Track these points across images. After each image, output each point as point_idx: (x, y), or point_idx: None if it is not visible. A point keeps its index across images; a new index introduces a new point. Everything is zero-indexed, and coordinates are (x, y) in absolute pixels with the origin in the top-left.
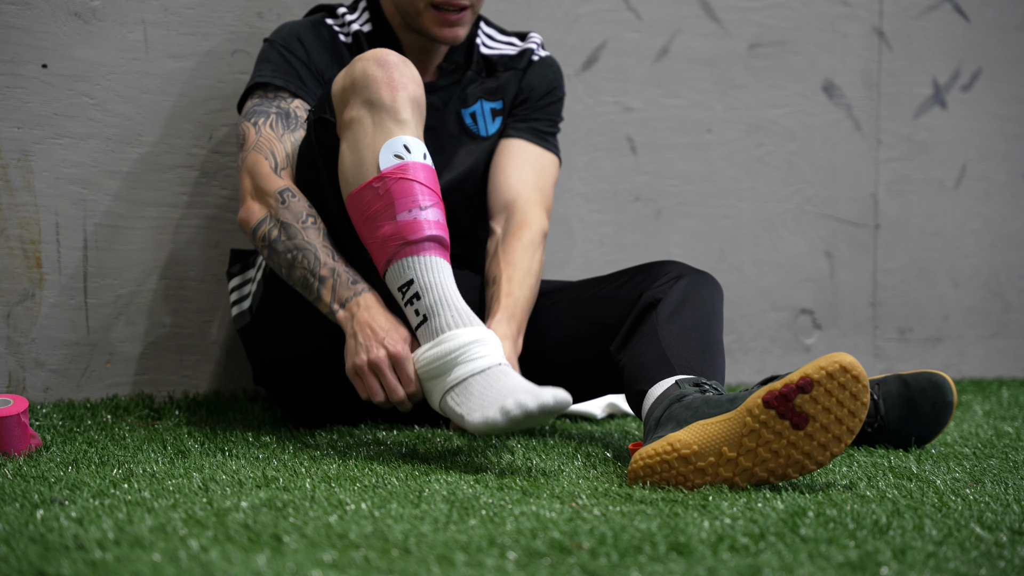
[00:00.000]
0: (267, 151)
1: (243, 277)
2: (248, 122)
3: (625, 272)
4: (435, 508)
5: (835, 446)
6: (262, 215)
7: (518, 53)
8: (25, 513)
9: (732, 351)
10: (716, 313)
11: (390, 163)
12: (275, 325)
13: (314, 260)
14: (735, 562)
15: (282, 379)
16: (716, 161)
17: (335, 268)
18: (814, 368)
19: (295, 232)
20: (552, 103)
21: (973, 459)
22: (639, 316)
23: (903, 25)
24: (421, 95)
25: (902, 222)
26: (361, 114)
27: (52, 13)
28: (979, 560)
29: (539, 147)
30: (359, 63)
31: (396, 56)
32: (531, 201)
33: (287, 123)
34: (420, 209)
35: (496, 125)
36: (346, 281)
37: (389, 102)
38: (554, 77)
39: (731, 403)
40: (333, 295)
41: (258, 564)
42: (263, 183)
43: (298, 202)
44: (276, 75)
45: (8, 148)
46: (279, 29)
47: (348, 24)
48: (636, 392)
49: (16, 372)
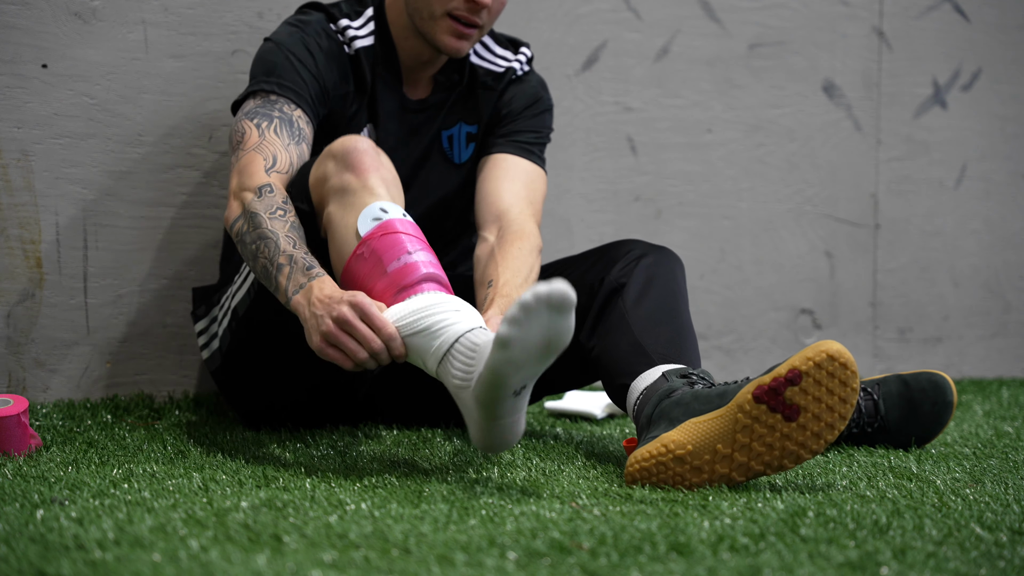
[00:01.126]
0: (268, 154)
1: (209, 318)
2: (250, 121)
3: (586, 256)
4: (435, 508)
5: (828, 434)
6: (239, 212)
7: (502, 72)
8: (25, 513)
9: (732, 351)
10: (681, 291)
11: (369, 227)
12: (249, 365)
13: (274, 248)
14: (735, 562)
15: (267, 416)
16: (716, 161)
17: (293, 255)
18: (801, 359)
19: (260, 221)
20: (535, 116)
21: (973, 459)
22: (605, 302)
23: (903, 25)
24: (392, 175)
25: (902, 222)
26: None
27: (52, 13)
28: (979, 560)
29: (526, 160)
30: (329, 162)
31: (364, 143)
32: (525, 214)
33: (292, 133)
34: (409, 254)
35: (469, 152)
36: (302, 267)
37: (359, 186)
38: (534, 91)
39: (721, 398)
40: (289, 281)
41: (258, 564)
42: (248, 180)
43: (274, 196)
44: (281, 84)
45: (8, 148)
46: (284, 30)
47: (351, 39)
48: (618, 386)
49: (16, 372)
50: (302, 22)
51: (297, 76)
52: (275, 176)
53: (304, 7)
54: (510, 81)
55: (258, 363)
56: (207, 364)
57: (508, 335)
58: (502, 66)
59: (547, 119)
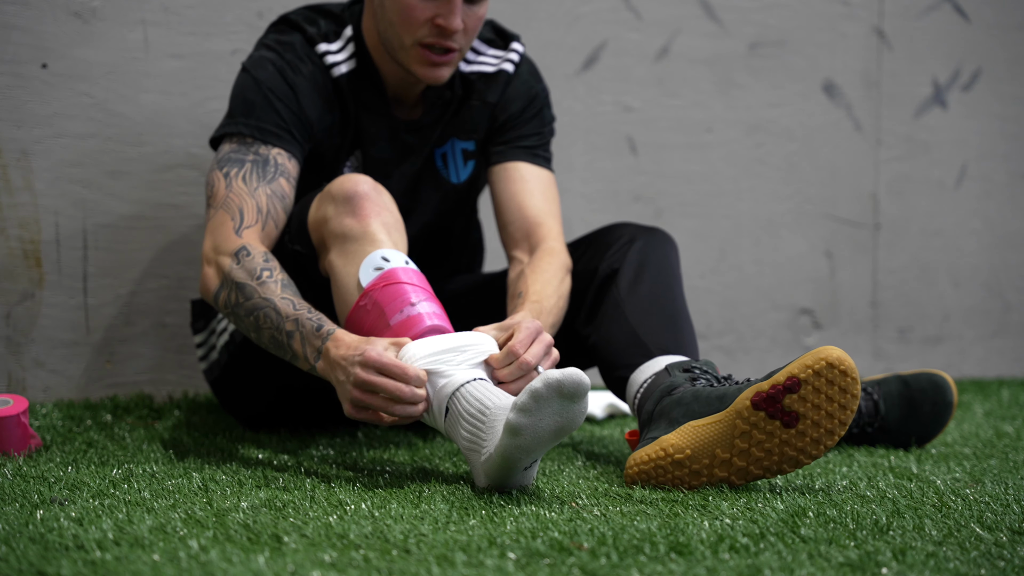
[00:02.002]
0: (235, 209)
1: (208, 331)
2: (219, 171)
3: (578, 244)
4: (435, 508)
5: (828, 439)
6: (218, 281)
7: (494, 73)
8: (25, 513)
9: (732, 351)
10: (675, 274)
11: (371, 277)
12: (247, 382)
13: (276, 316)
14: (735, 562)
15: (265, 420)
16: (716, 161)
17: (298, 318)
18: (800, 367)
19: (251, 292)
20: (535, 114)
21: (973, 459)
22: (600, 289)
23: (903, 25)
24: (395, 218)
25: (902, 222)
26: (336, 256)
27: (52, 13)
28: (979, 560)
29: (539, 168)
30: (329, 205)
31: (365, 184)
32: (553, 233)
33: (263, 173)
34: (412, 306)
35: (468, 170)
36: (312, 330)
37: (360, 232)
38: (528, 88)
39: (720, 401)
40: (305, 349)
41: (258, 564)
42: (221, 244)
43: (252, 259)
44: (258, 127)
45: (8, 148)
46: (263, 61)
47: (331, 65)
48: (616, 378)
49: (16, 372)
50: (281, 44)
51: (276, 116)
52: (247, 234)
53: (279, 23)
54: (504, 84)
55: (257, 380)
56: (205, 374)
57: (519, 424)
58: (493, 66)
59: (546, 113)
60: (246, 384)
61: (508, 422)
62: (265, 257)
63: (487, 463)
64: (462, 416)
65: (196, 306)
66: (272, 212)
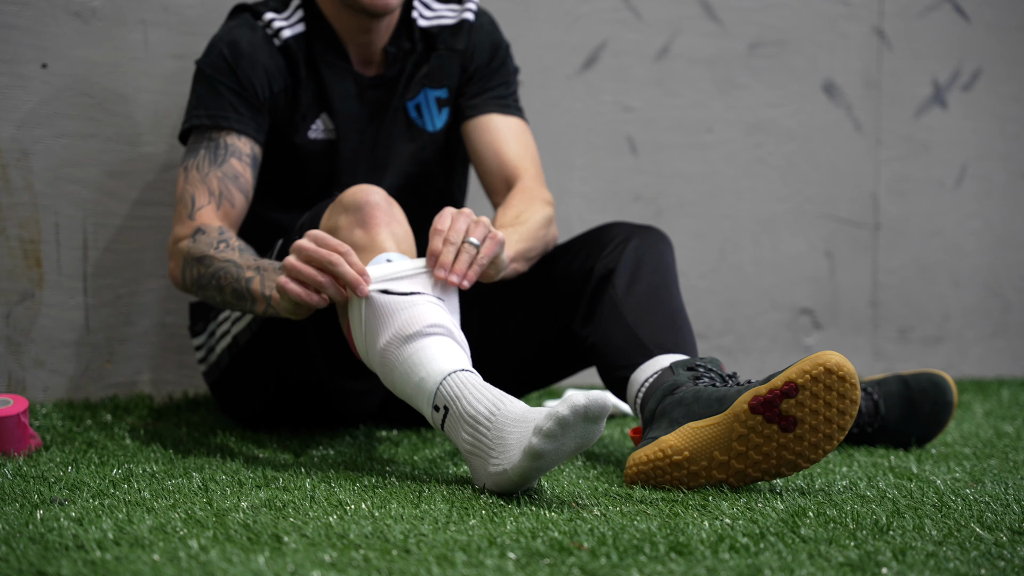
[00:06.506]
0: (187, 199)
1: (207, 334)
2: (181, 168)
3: (573, 244)
4: (435, 508)
5: (827, 444)
6: (180, 263)
7: (455, 24)
8: (25, 513)
9: (732, 351)
10: (671, 272)
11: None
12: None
13: (236, 269)
14: (735, 562)
15: (264, 421)
16: (716, 161)
17: (259, 265)
18: (798, 372)
19: (210, 260)
20: (501, 64)
21: (973, 459)
22: (596, 290)
23: (903, 25)
24: (404, 229)
25: (902, 222)
26: None
27: (52, 13)
28: (979, 560)
29: (509, 116)
30: (341, 215)
31: (377, 195)
32: (530, 173)
33: (214, 157)
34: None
35: (443, 118)
36: (273, 269)
37: (368, 242)
38: (491, 37)
39: (720, 403)
40: (263, 286)
41: (258, 564)
42: (178, 232)
43: (207, 235)
44: (207, 115)
45: (8, 148)
46: (210, 47)
47: (278, 30)
48: (617, 379)
49: (16, 372)
50: (227, 28)
51: (220, 99)
52: (200, 214)
53: (233, 10)
54: (468, 32)
55: (258, 382)
56: (204, 376)
57: (542, 449)
58: (452, 16)
59: (510, 63)
60: (246, 386)
61: (531, 447)
62: (220, 231)
63: (500, 477)
64: (463, 419)
65: (194, 309)
66: (225, 192)
